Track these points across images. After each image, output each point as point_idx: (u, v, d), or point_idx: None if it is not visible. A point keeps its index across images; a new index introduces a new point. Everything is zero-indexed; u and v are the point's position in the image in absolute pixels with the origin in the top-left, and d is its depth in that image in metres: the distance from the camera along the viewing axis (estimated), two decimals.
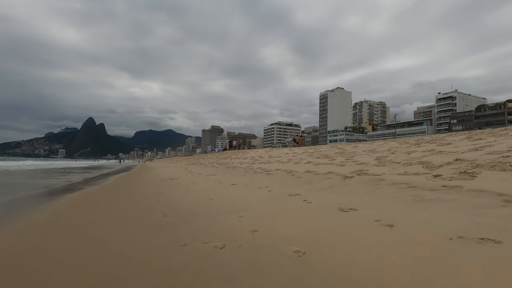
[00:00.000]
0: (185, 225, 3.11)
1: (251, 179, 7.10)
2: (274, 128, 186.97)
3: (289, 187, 5.12)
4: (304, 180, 5.76)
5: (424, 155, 6.24)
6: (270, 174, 7.67)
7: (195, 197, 5.13)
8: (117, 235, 2.94)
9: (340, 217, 2.87)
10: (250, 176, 7.92)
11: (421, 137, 10.70)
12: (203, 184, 7.29)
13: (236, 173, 9.16)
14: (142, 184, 9.24)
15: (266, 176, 7.36)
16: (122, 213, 4.19)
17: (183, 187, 6.95)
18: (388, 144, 9.91)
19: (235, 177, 8.13)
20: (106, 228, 3.27)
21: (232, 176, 8.53)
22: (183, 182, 8.13)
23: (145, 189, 7.48)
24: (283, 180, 6.24)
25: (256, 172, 8.60)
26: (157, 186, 7.81)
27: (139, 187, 8.17)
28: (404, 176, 4.50)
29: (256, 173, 8.45)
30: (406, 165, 5.47)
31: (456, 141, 7.51)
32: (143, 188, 7.89)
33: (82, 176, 14.28)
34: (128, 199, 5.85)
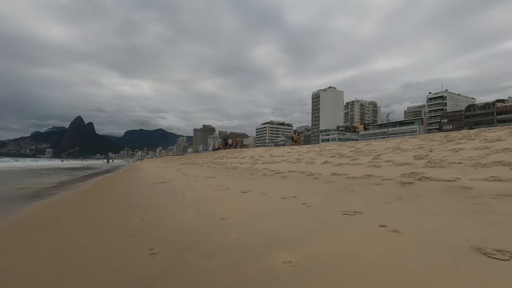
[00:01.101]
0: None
1: (264, 184, 5.65)
2: (267, 128, 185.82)
3: (330, 198, 3.69)
4: (340, 187, 4.34)
5: (484, 153, 4.89)
6: (286, 177, 6.23)
7: (196, 213, 3.62)
8: None
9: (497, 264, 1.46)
10: (261, 179, 6.46)
11: (447, 133, 9.47)
12: (204, 190, 5.78)
13: (241, 176, 7.69)
14: (126, 189, 7.58)
15: (282, 180, 5.92)
16: (81, 250, 2.59)
17: (178, 195, 5.42)
18: (409, 142, 8.62)
19: (242, 180, 6.66)
20: None
21: (237, 179, 7.04)
22: (177, 188, 6.58)
23: (128, 197, 5.87)
24: (310, 186, 4.80)
25: (266, 174, 7.15)
26: (144, 193, 6.22)
27: (121, 195, 6.54)
28: (499, 183, 3.14)
29: (265, 175, 7.00)
30: (475, 166, 4.12)
31: (502, 136, 6.23)
32: (126, 196, 6.27)
33: (59, 177, 12.53)
34: (101, 215, 4.27)
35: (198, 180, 7.85)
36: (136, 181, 9.88)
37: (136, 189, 7.14)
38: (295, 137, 21.56)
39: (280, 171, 7.17)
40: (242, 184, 5.91)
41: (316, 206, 3.29)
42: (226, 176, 8.15)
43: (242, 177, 7.44)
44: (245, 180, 6.58)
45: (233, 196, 4.63)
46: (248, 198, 4.33)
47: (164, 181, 8.37)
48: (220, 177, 8.02)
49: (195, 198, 4.80)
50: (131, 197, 5.76)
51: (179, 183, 7.52)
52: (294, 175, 6.23)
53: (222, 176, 8.24)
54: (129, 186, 8.27)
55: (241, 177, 7.33)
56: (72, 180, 11.49)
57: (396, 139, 10.28)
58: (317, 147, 11.81)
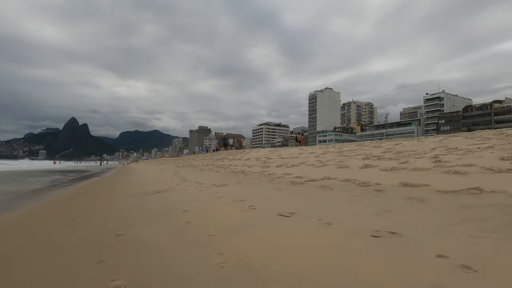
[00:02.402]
0: None
1: (307, 200, 3.83)
2: (263, 129, 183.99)
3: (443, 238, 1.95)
4: (450, 211, 2.62)
5: None
6: (328, 188, 4.41)
7: (221, 271, 1.86)
8: None
9: None
10: (292, 190, 4.66)
11: (501, 130, 7.88)
12: (217, 208, 3.95)
13: (259, 184, 5.90)
14: (106, 203, 5.50)
15: (329, 194, 4.13)
16: None
17: (179, 217, 3.57)
18: (453, 140, 6.96)
19: (265, 192, 4.86)
20: None
21: (257, 189, 5.25)
22: (176, 202, 4.73)
23: (104, 220, 3.84)
24: (396, 208, 3.02)
25: (294, 182, 5.32)
26: (130, 211, 4.31)
27: (96, 214, 4.45)
28: None
29: (294, 184, 5.18)
30: None
31: None
32: (101, 216, 4.19)
33: (35, 184, 10.61)
34: (36, 266, 2.47)
35: (204, 189, 6.02)
36: (123, 189, 7.93)
37: (120, 202, 5.20)
38: (299, 137, 20.02)
39: (312, 178, 5.39)
40: (270, 199, 4.13)
41: None
42: (239, 183, 6.34)
43: (261, 185, 5.64)
44: (270, 191, 4.79)
45: (270, 225, 2.83)
46: (304, 232, 2.50)
47: (159, 190, 6.49)
48: (232, 184, 6.23)
49: (207, 225, 2.99)
50: (109, 218, 3.84)
51: (178, 194, 5.67)
52: (338, 185, 4.45)
53: (233, 183, 6.43)
54: (113, 196, 6.29)
55: (261, 186, 5.53)
56: (48, 187, 9.54)
57: (429, 137, 8.61)
58: (332, 147, 10.08)
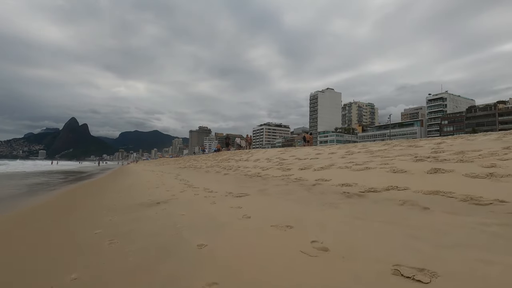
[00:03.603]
0: None
1: (414, 228, 2.43)
2: (264, 129, 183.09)
3: None
4: None
5: None
6: (421, 207, 2.97)
7: None
8: None
9: None
10: (363, 209, 3.18)
11: None
12: (258, 245, 2.34)
13: (293, 193, 4.41)
14: (85, 223, 3.81)
15: (445, 220, 2.64)
16: None
17: (196, 266, 2.01)
18: (492, 143, 6.01)
19: (315, 209, 3.35)
20: None
21: (299, 204, 3.71)
22: (185, 226, 3.13)
23: (68, 266, 2.28)
24: None
25: (349, 194, 3.84)
26: (112, 245, 2.64)
27: (61, 247, 2.79)
28: None
29: (350, 196, 3.75)
30: None
31: None
32: (69, 253, 2.60)
33: (14, 189, 9.69)
34: None
35: (218, 200, 4.52)
36: (115, 196, 6.45)
37: (102, 222, 3.63)
38: (308, 137, 19.17)
39: (370, 187, 3.94)
40: (339, 226, 2.64)
41: None
42: (263, 193, 4.82)
43: (297, 196, 4.15)
44: (319, 208, 3.32)
45: None
46: None
47: (158, 200, 5.02)
48: (254, 194, 4.77)
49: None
50: (73, 262, 2.29)
51: (184, 207, 4.18)
52: (429, 201, 3.07)
53: (255, 192, 4.95)
54: (96, 210, 4.84)
55: (298, 198, 4.04)
56: (17, 195, 8.50)
57: (479, 135, 7.56)
58: (353, 147, 9.00)
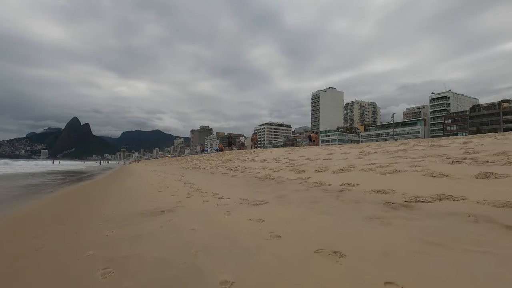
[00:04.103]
0: None
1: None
2: (265, 128, 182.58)
3: None
4: None
5: None
6: None
7: None
8: None
9: None
10: (424, 228, 2.56)
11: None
12: None
13: (320, 201, 3.56)
14: (74, 241, 2.76)
15: None
16: None
17: None
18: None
19: (360, 224, 2.60)
20: None
21: (335, 216, 2.91)
22: (199, 248, 2.27)
23: None
24: None
25: (395, 205, 2.82)
26: (106, 278, 1.88)
27: (47, 276, 1.91)
28: None
29: (396, 208, 2.75)
30: None
31: None
32: (61, 284, 1.86)
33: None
34: None
35: (233, 209, 3.81)
36: (114, 202, 5.60)
37: (95, 239, 2.76)
38: (314, 137, 18.88)
39: (414, 196, 2.96)
40: (407, 259, 1.84)
41: None
42: (283, 200, 4.01)
43: (326, 206, 3.27)
44: (364, 224, 2.46)
45: None
46: None
47: (162, 208, 4.21)
48: (274, 202, 3.97)
49: None
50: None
51: (194, 219, 3.39)
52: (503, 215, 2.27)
53: (273, 199, 4.19)
54: (90, 221, 3.76)
55: (329, 209, 3.12)
56: (17, 195, 7.95)
57: (509, 134, 7.18)
58: (366, 146, 8.56)
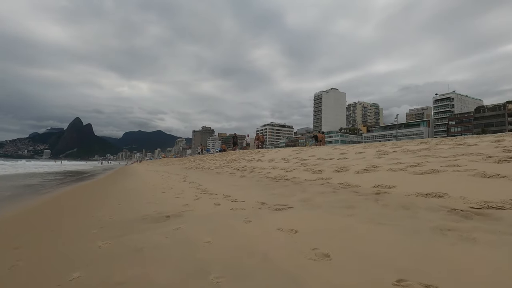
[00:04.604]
0: None
1: None
2: (267, 129, 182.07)
3: None
4: None
5: None
6: None
7: None
8: None
9: None
10: None
11: None
12: None
13: (358, 207, 2.91)
14: (65, 253, 2.30)
15: None
16: None
17: None
18: None
19: (420, 238, 2.05)
20: None
21: (390, 227, 2.28)
22: (221, 276, 1.61)
23: None
24: None
25: (490, 216, 2.17)
26: None
27: None
28: None
29: (489, 217, 2.15)
30: None
31: None
32: None
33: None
34: None
35: (250, 214, 3.21)
36: (113, 204, 4.96)
37: (87, 254, 2.24)
38: (320, 136, 18.30)
39: (485, 201, 2.42)
40: None
41: None
42: (311, 204, 3.45)
43: (376, 215, 2.45)
44: (445, 242, 1.87)
45: None
46: None
47: (167, 213, 3.55)
48: (299, 207, 3.38)
49: None
50: None
51: (206, 227, 2.77)
52: None
53: (297, 202, 3.62)
54: (87, 225, 3.34)
55: (381, 218, 2.33)
56: (8, 196, 7.49)
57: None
58: (381, 146, 8.05)
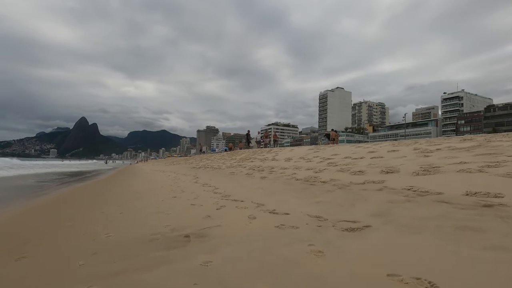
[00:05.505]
0: None
1: None
2: (272, 129, 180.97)
3: None
4: None
5: None
6: None
7: None
8: None
9: None
10: None
11: None
12: None
13: None
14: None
15: None
16: None
17: None
18: None
19: None
20: None
21: None
22: None
23: None
24: None
25: None
26: None
27: None
28: None
29: None
30: None
31: None
32: None
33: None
34: None
35: (310, 235, 2.34)
36: (113, 214, 4.15)
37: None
38: (334, 135, 17.46)
39: None
40: None
41: None
42: (397, 223, 2.41)
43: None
44: None
45: None
46: None
47: (186, 231, 2.68)
48: (386, 230, 2.31)
49: None
50: None
51: (259, 265, 1.78)
52: None
53: (378, 223, 2.49)
54: (72, 247, 2.57)
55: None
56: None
57: None
58: (413, 143, 7.08)
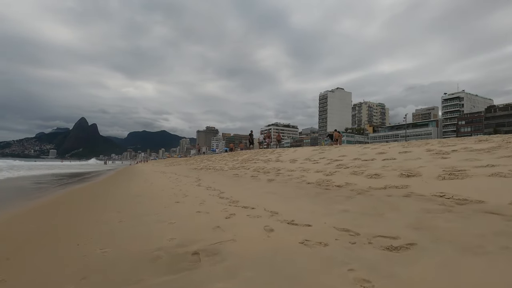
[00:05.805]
0: None
1: None
2: (271, 129, 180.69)
3: None
4: None
5: None
6: None
7: None
8: None
9: None
10: None
11: None
12: None
13: None
14: None
15: None
16: None
17: None
18: None
19: None
20: None
21: None
22: None
23: None
24: None
25: None
26: None
27: None
28: None
29: None
30: None
31: None
32: None
33: None
34: None
35: (346, 255, 2.00)
36: (111, 220, 3.84)
37: None
38: (337, 135, 17.18)
39: None
40: None
41: None
42: (443, 238, 2.11)
43: None
44: None
45: None
46: None
47: (194, 247, 2.34)
48: (433, 249, 1.95)
49: None
50: None
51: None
52: None
53: (423, 241, 2.11)
54: (47, 281, 1.97)
55: None
56: None
57: None
58: (424, 144, 6.80)
